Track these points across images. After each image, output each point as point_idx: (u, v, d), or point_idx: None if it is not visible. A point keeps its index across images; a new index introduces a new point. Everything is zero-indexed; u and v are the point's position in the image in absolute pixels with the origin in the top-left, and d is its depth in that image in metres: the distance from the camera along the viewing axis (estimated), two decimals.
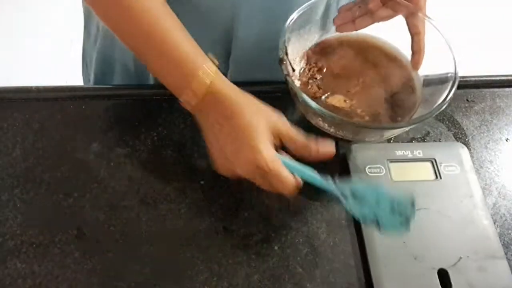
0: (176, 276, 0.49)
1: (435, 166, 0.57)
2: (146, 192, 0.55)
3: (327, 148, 0.49)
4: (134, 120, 0.61)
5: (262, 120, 0.47)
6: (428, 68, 0.60)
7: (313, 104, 0.50)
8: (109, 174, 0.56)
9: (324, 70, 0.60)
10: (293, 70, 0.58)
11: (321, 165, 0.58)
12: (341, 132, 0.55)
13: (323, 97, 0.58)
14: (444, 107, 0.53)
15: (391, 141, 0.62)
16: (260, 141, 0.46)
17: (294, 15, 0.57)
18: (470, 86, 0.68)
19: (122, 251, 0.50)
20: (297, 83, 0.59)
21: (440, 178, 0.56)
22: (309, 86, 0.58)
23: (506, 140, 0.62)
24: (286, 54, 0.55)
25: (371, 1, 0.53)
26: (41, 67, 1.79)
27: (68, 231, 0.51)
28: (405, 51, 0.63)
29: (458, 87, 0.68)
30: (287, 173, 0.47)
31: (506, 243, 0.52)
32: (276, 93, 0.62)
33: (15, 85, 0.65)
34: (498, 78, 0.69)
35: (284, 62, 0.54)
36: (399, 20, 0.61)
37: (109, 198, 0.54)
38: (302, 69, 0.60)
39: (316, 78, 0.59)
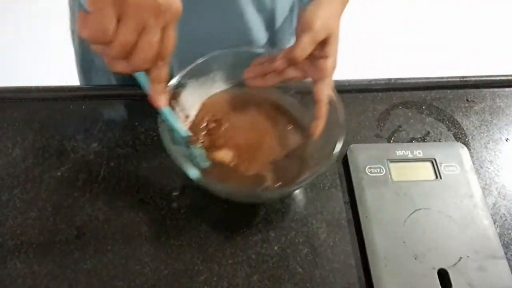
0: (176, 276, 0.49)
1: (435, 166, 0.57)
2: (146, 192, 0.55)
3: None
4: (134, 120, 0.62)
5: None
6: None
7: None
8: (109, 174, 0.56)
9: (219, 122, 0.57)
10: (186, 117, 0.55)
11: None
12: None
13: (210, 149, 0.54)
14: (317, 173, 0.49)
15: (391, 141, 0.62)
16: None
17: (198, 61, 0.54)
18: (470, 86, 0.69)
19: (122, 251, 0.50)
20: (187, 131, 0.54)
21: (440, 178, 0.56)
22: (199, 136, 0.55)
23: (506, 140, 0.62)
24: (175, 98, 0.53)
25: (277, 60, 0.52)
26: (41, 67, 1.79)
27: (68, 231, 0.51)
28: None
29: (458, 87, 0.68)
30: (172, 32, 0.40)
31: (506, 243, 0.52)
32: None
33: (15, 85, 0.65)
34: (498, 78, 0.70)
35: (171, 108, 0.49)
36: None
37: (109, 198, 0.54)
38: (196, 118, 0.57)
39: (209, 129, 0.56)
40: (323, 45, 0.50)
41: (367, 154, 0.57)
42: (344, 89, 0.67)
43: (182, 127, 0.49)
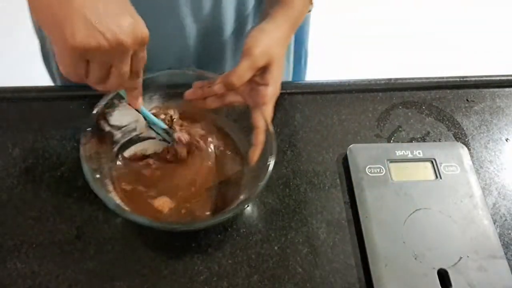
0: (176, 276, 0.49)
1: (435, 166, 0.57)
2: None
3: None
4: None
5: None
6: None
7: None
8: None
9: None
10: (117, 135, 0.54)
11: (321, 167, 0.58)
12: None
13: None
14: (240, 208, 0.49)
15: (391, 141, 0.62)
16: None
17: None
18: (470, 86, 0.69)
19: (122, 251, 0.50)
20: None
21: (440, 178, 0.56)
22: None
23: (506, 140, 0.62)
24: (105, 118, 0.51)
25: (215, 84, 0.51)
26: (42, 67, 1.78)
27: (68, 231, 0.51)
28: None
29: (458, 87, 0.68)
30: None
31: (506, 243, 0.52)
32: None
33: (15, 85, 0.65)
34: (498, 78, 0.70)
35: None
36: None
37: None
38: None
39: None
40: (263, 72, 0.50)
41: (367, 154, 0.57)
42: (344, 89, 0.67)
43: (160, 120, 0.53)
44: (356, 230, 0.53)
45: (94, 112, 0.50)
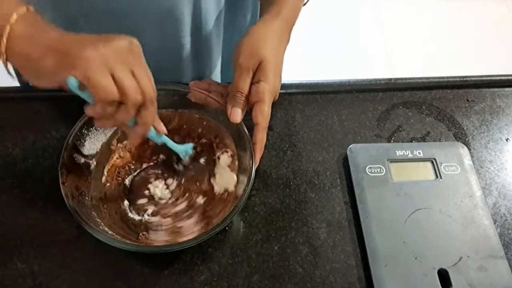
0: (176, 276, 0.49)
1: (435, 166, 0.57)
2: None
3: None
4: None
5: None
6: None
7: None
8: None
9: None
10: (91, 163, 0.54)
11: (321, 167, 0.58)
12: None
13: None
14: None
15: (391, 141, 0.62)
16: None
17: None
18: (470, 86, 0.69)
19: (122, 251, 0.50)
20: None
21: (440, 178, 0.56)
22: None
23: (506, 140, 0.62)
24: (78, 151, 0.51)
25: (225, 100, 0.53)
26: None
27: (68, 231, 0.51)
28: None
29: (459, 87, 0.68)
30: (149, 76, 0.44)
31: (506, 243, 0.52)
32: None
33: (15, 85, 0.65)
34: (498, 78, 0.70)
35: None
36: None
37: None
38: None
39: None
40: (257, 71, 0.50)
41: (367, 154, 0.57)
42: (344, 89, 0.67)
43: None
44: (356, 230, 0.53)
45: (64, 148, 0.50)
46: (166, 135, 0.50)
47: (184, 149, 0.54)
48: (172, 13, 0.58)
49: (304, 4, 0.59)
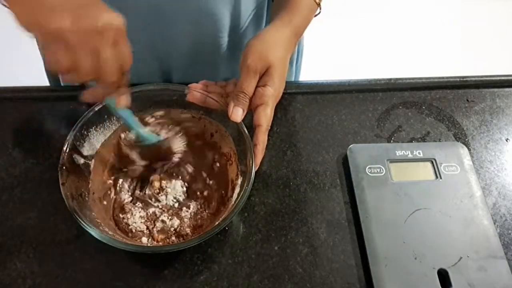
0: (176, 276, 0.49)
1: (435, 166, 0.57)
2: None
3: None
4: None
5: None
6: None
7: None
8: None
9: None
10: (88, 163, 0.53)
11: (321, 167, 0.58)
12: None
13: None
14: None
15: (391, 141, 0.62)
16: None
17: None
18: (470, 86, 0.69)
19: (121, 251, 0.50)
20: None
21: (440, 178, 0.56)
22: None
23: (506, 140, 0.62)
24: (77, 152, 0.51)
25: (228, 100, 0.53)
26: (41, 67, 1.78)
27: (68, 231, 0.51)
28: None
29: (458, 87, 0.68)
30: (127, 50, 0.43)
31: (506, 243, 0.52)
32: None
33: (15, 85, 0.65)
34: (498, 78, 0.70)
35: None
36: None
37: None
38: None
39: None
40: (263, 75, 0.51)
41: (367, 154, 0.57)
42: (344, 89, 0.67)
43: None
44: (356, 230, 0.53)
45: (64, 148, 0.49)
46: (132, 113, 0.49)
47: (148, 136, 0.52)
48: (211, 12, 0.59)
49: (316, 16, 0.59)
